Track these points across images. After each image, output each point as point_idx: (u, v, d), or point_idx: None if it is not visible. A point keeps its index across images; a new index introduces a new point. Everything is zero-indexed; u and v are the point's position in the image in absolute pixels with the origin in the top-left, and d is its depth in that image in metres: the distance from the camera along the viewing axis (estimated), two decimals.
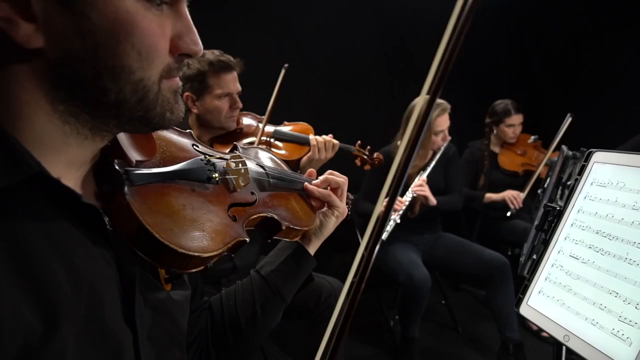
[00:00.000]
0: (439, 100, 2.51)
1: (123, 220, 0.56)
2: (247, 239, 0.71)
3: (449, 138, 2.55)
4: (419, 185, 2.42)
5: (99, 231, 0.54)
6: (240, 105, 1.89)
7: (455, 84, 3.47)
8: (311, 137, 1.94)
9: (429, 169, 2.50)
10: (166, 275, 0.66)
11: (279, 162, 1.03)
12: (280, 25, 3.13)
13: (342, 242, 3.03)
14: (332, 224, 0.98)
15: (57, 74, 0.48)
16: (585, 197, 0.92)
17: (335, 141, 1.97)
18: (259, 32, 2.99)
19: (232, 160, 0.79)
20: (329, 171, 1.01)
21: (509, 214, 2.78)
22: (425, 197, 2.41)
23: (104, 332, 0.50)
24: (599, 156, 0.93)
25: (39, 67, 0.47)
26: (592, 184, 0.92)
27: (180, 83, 0.59)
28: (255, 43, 2.90)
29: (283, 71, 1.95)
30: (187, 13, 0.56)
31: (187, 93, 1.82)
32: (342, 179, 0.99)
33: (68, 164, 0.53)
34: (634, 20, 3.45)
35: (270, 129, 2.00)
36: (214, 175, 0.70)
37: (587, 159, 0.95)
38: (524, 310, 0.94)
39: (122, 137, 0.61)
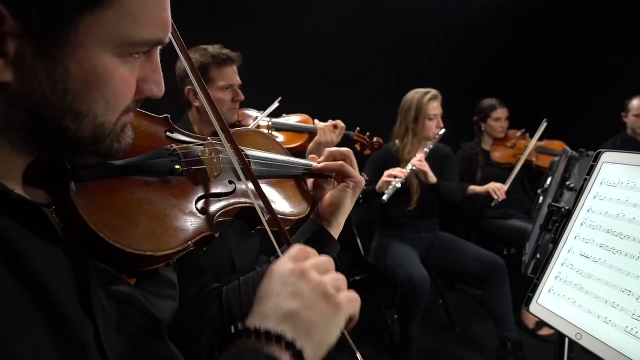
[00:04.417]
0: (427, 89, 2.57)
1: (69, 219, 0.54)
2: (216, 234, 0.66)
3: (443, 128, 2.57)
4: (419, 160, 2.43)
5: (46, 227, 0.52)
6: (242, 97, 1.89)
7: (452, 86, 3.50)
8: (316, 121, 1.99)
9: (427, 150, 2.51)
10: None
11: (278, 147, 0.95)
12: (280, 24, 3.13)
13: (342, 242, 3.04)
14: (349, 199, 0.90)
15: (17, 107, 0.48)
16: (595, 197, 0.93)
17: (342, 124, 2.00)
18: (259, 31, 2.98)
19: (207, 147, 0.73)
20: (328, 149, 0.95)
21: (493, 204, 2.83)
22: (425, 173, 2.43)
23: (66, 325, 0.49)
24: (608, 156, 0.94)
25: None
26: (601, 183, 0.93)
27: (133, 116, 0.59)
28: (255, 42, 2.89)
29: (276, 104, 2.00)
30: (158, 56, 0.57)
31: (188, 87, 1.82)
32: (345, 149, 0.93)
33: (9, 169, 0.52)
34: (626, 22, 3.51)
35: (268, 120, 2.02)
36: (176, 167, 0.66)
37: (596, 159, 0.96)
38: (534, 308, 0.95)
39: None
